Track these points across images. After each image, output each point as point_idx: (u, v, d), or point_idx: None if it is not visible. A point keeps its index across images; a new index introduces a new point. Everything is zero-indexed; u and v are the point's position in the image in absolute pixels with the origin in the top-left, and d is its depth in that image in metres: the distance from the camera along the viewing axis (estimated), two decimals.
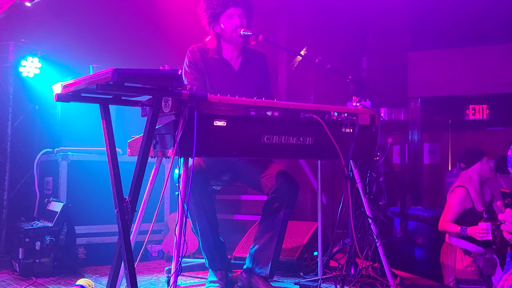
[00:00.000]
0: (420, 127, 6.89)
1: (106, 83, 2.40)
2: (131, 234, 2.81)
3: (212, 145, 2.84)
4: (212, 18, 3.61)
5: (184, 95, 2.63)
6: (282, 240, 3.55)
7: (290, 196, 3.48)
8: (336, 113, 3.23)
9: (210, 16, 3.60)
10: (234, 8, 3.56)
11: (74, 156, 4.63)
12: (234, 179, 3.78)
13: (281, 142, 3.05)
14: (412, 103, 6.91)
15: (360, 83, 3.60)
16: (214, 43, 3.66)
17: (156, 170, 3.09)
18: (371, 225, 3.48)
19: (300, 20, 6.81)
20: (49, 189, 4.68)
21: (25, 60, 4.87)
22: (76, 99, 2.79)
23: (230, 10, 3.56)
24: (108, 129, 2.80)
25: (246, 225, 5.99)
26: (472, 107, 7.04)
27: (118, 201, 2.63)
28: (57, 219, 4.22)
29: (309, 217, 6.29)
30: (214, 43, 3.66)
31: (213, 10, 3.58)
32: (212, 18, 3.60)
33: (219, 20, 3.60)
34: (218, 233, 3.64)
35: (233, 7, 3.56)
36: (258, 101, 2.97)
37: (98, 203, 4.57)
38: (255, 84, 3.76)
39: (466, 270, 4.66)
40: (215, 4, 3.57)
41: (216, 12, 3.58)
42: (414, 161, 7.00)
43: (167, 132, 2.80)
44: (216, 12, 3.57)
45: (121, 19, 5.72)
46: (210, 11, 3.59)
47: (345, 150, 3.23)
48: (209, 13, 3.60)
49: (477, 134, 8.78)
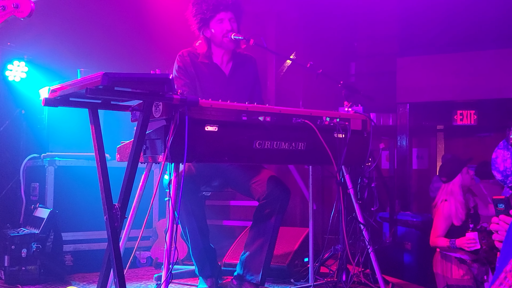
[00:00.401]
0: (408, 133, 6.90)
1: (96, 87, 2.36)
2: (120, 241, 2.76)
3: (204, 151, 2.81)
4: (202, 23, 3.57)
5: (175, 100, 2.59)
6: (274, 247, 3.52)
7: (281, 202, 3.45)
8: (328, 118, 3.21)
9: (200, 21, 3.56)
10: (224, 12, 3.53)
11: (61, 162, 4.56)
12: (224, 185, 3.74)
13: (273, 147, 3.02)
14: (401, 109, 6.91)
15: (351, 88, 3.59)
16: (205, 48, 3.62)
17: (146, 176, 3.04)
18: (363, 231, 3.46)
19: (289, 25, 6.80)
20: (36, 195, 4.61)
21: (11, 64, 4.81)
22: (64, 104, 2.73)
23: (220, 14, 3.53)
24: (97, 135, 2.75)
25: (235, 231, 5.94)
26: (460, 113, 7.06)
27: (107, 208, 2.58)
28: (44, 225, 4.15)
29: (298, 223, 6.26)
30: (204, 48, 3.62)
31: (203, 15, 3.54)
32: (202, 23, 3.57)
33: (209, 24, 3.56)
34: (209, 240, 3.60)
35: (223, 12, 3.53)
36: (250, 106, 2.94)
37: (85, 209, 4.50)
38: (246, 88, 3.73)
39: (463, 279, 4.63)
40: (205, 9, 3.53)
41: (206, 17, 3.54)
42: (402, 166, 7.01)
43: (158, 137, 2.76)
44: (206, 17, 3.54)
45: (109, 22, 5.66)
46: (200, 16, 3.55)
47: (337, 156, 3.21)
48: (199, 18, 3.56)
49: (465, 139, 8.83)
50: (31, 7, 2.70)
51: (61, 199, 4.51)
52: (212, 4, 3.52)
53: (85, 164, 4.64)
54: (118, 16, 5.78)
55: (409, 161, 7.18)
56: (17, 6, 2.74)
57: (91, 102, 2.76)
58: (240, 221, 6.04)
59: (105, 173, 2.66)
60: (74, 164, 4.62)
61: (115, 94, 2.46)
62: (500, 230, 1.98)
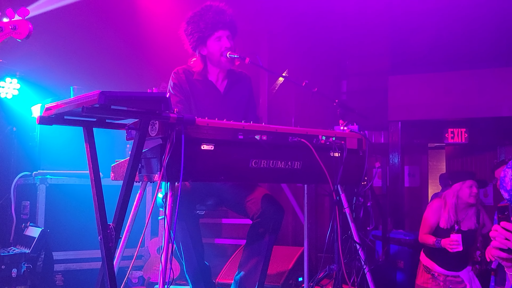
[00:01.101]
0: (400, 150, 6.91)
1: (92, 106, 2.33)
2: (114, 260, 2.71)
3: (200, 170, 2.78)
4: (199, 41, 3.55)
5: (172, 118, 2.57)
6: (267, 266, 3.48)
7: (275, 221, 3.42)
8: (324, 137, 3.20)
9: (198, 39, 3.54)
10: (222, 30, 3.53)
11: (53, 180, 4.51)
12: (218, 204, 3.71)
13: (269, 166, 3.00)
14: (393, 127, 6.94)
15: (346, 106, 3.59)
16: (200, 66, 3.61)
17: (141, 195, 3.01)
18: (359, 251, 3.43)
19: (281, 43, 6.83)
20: (27, 214, 4.55)
21: (3, 81, 4.78)
22: (59, 122, 2.70)
23: (219, 32, 3.53)
24: (91, 153, 2.72)
25: (227, 249, 5.90)
26: (451, 131, 7.10)
27: (102, 228, 2.54)
28: (35, 245, 4.09)
29: (290, 241, 6.22)
30: (200, 66, 3.61)
31: (201, 33, 3.53)
32: (199, 41, 3.55)
33: (206, 43, 3.55)
34: (203, 258, 3.56)
35: (221, 30, 3.53)
36: (246, 125, 2.92)
37: (77, 228, 4.46)
38: (241, 106, 3.71)
39: (423, 286, 4.70)
40: (202, 27, 3.52)
41: (204, 35, 3.53)
42: (395, 184, 7.02)
43: (154, 156, 2.73)
44: (205, 35, 3.53)
45: (102, 40, 5.66)
46: (197, 34, 3.53)
47: (333, 175, 3.19)
48: (197, 36, 3.54)
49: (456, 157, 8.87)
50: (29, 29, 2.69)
51: (52, 217, 4.46)
52: (210, 21, 3.51)
53: (77, 182, 4.59)
54: (111, 34, 5.78)
55: (401, 179, 7.19)
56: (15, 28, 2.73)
57: (86, 121, 2.73)
58: (232, 239, 6.00)
59: (99, 193, 2.63)
60: (66, 182, 4.58)
61: (111, 112, 2.44)
62: (498, 237, 1.96)
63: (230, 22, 3.57)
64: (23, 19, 2.88)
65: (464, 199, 4.60)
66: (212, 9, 3.57)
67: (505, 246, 1.93)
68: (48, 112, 2.67)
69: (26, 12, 2.91)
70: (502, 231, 1.95)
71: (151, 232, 4.95)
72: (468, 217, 4.66)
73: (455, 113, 6.70)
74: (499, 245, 1.97)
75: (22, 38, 2.76)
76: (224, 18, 3.54)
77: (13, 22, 2.88)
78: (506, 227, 1.95)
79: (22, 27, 2.82)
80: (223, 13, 3.58)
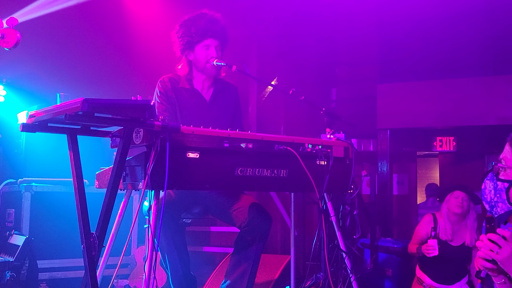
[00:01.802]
0: (389, 158, 6.92)
1: (76, 113, 2.32)
2: (98, 269, 2.69)
3: (185, 178, 2.76)
4: (187, 46, 3.55)
5: (156, 126, 2.55)
6: (255, 275, 3.46)
7: (262, 229, 3.40)
8: (311, 145, 3.20)
9: (186, 43, 3.55)
10: (212, 39, 3.53)
11: (38, 187, 4.47)
12: (205, 212, 3.69)
13: (255, 174, 2.99)
14: (381, 135, 6.95)
15: (333, 115, 3.59)
16: (186, 70, 3.61)
17: (125, 203, 2.99)
18: (345, 259, 3.42)
19: (270, 51, 6.83)
20: (11, 222, 4.51)
21: None
22: (42, 130, 2.68)
23: (208, 40, 3.53)
24: (75, 161, 2.70)
25: (215, 257, 5.87)
26: (439, 139, 7.13)
27: (84, 237, 2.52)
28: (19, 253, 4.05)
29: (279, 250, 6.21)
30: (186, 70, 3.61)
31: (190, 38, 3.53)
32: (187, 45, 3.55)
33: (194, 48, 3.55)
34: (189, 268, 3.53)
35: (211, 38, 3.53)
36: (232, 133, 2.91)
37: (62, 236, 4.42)
38: (227, 115, 3.70)
39: None
40: (193, 32, 3.52)
41: (193, 41, 3.53)
42: (383, 192, 7.01)
43: (138, 164, 2.71)
44: (194, 41, 3.53)
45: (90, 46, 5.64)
46: (187, 38, 3.54)
47: (319, 183, 3.18)
48: (186, 40, 3.54)
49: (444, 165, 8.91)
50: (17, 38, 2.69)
51: (37, 225, 4.42)
52: (201, 28, 3.51)
53: (62, 190, 4.56)
54: (99, 41, 5.76)
55: (389, 187, 7.20)
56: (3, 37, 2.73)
57: (70, 128, 2.71)
58: (221, 247, 5.97)
59: (83, 201, 2.60)
60: (51, 190, 4.54)
61: (95, 120, 2.42)
62: (483, 248, 1.98)
63: (222, 32, 3.58)
64: (11, 28, 2.88)
65: (452, 209, 4.61)
66: (206, 17, 3.57)
67: (490, 257, 1.94)
68: (31, 119, 2.65)
69: (15, 22, 2.91)
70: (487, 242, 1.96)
71: (138, 240, 4.92)
72: (462, 230, 4.65)
73: (443, 122, 6.73)
74: (484, 256, 1.98)
75: (10, 47, 2.76)
76: (216, 27, 3.55)
77: (1, 31, 2.87)
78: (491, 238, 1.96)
79: (10, 36, 2.82)
80: (216, 22, 3.58)
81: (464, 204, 4.59)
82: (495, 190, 1.85)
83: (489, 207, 1.87)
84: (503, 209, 1.83)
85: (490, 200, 1.86)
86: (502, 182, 1.84)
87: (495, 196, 1.84)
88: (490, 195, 1.87)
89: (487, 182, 1.90)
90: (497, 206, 1.85)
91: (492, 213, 1.86)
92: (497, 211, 1.85)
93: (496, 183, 1.85)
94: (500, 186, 1.84)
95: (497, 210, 1.85)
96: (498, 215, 1.86)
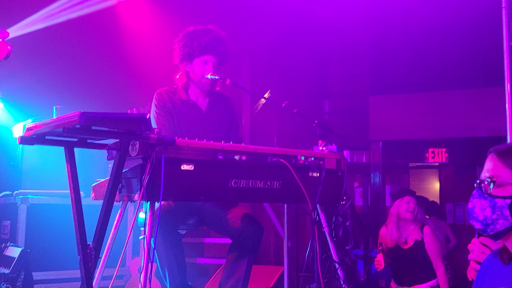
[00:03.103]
0: (381, 170, 6.97)
1: (73, 126, 2.37)
2: (93, 280, 2.72)
3: (180, 189, 2.81)
4: (187, 57, 3.63)
5: (152, 139, 2.61)
6: (247, 285, 3.49)
7: (254, 240, 3.44)
8: (303, 157, 3.25)
9: (186, 54, 3.62)
10: (211, 56, 3.61)
11: (34, 199, 4.50)
12: (199, 223, 3.73)
13: (249, 186, 3.04)
14: (374, 146, 7.00)
15: (326, 127, 3.65)
16: (184, 80, 3.68)
17: (121, 214, 3.03)
18: (338, 270, 3.47)
19: (262, 63, 6.90)
20: (7, 234, 4.53)
21: None
22: (40, 142, 2.73)
23: (207, 56, 3.60)
24: (72, 173, 2.74)
25: (209, 269, 5.89)
26: (431, 151, 7.19)
27: (81, 248, 2.56)
28: (14, 265, 4.07)
29: (272, 260, 6.23)
30: (184, 80, 3.68)
31: (191, 51, 3.60)
32: (187, 56, 3.62)
33: (192, 61, 3.62)
34: (186, 277, 3.57)
35: (211, 55, 3.60)
36: (226, 145, 2.97)
37: (57, 248, 4.44)
38: (223, 126, 3.76)
39: None
40: (195, 46, 3.59)
41: (193, 54, 3.60)
42: (376, 203, 7.06)
43: (134, 176, 2.76)
44: (194, 54, 3.60)
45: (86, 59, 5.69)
46: (187, 49, 3.61)
47: (312, 194, 3.24)
48: (186, 51, 3.62)
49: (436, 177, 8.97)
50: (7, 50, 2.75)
51: (33, 237, 4.44)
52: (203, 44, 3.59)
53: (58, 202, 4.59)
54: (94, 54, 5.81)
55: (382, 198, 7.24)
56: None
57: (67, 141, 2.76)
58: (215, 258, 5.99)
59: (80, 213, 2.65)
60: (47, 202, 4.57)
61: (92, 133, 2.48)
62: (475, 250, 2.03)
63: (223, 52, 3.67)
64: (3, 41, 2.95)
65: (402, 214, 4.70)
66: (212, 34, 3.65)
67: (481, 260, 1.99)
68: (29, 132, 2.70)
69: (6, 34, 2.98)
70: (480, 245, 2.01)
71: (133, 252, 4.94)
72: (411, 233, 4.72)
73: (435, 133, 6.80)
74: (476, 258, 2.04)
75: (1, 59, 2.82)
76: (218, 46, 3.63)
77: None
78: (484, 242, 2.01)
79: (1, 48, 2.88)
80: (219, 41, 3.66)
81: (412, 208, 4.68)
82: (492, 208, 1.85)
83: (481, 225, 1.89)
84: (504, 225, 1.85)
85: (484, 218, 1.87)
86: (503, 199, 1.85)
87: (493, 214, 1.85)
88: (483, 213, 1.88)
89: (475, 201, 1.92)
90: (495, 224, 1.85)
91: (487, 231, 1.88)
92: (495, 228, 1.86)
93: (494, 201, 1.85)
94: (501, 203, 1.85)
95: (496, 227, 1.86)
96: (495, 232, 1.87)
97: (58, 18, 5.16)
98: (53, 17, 5.20)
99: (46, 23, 5.07)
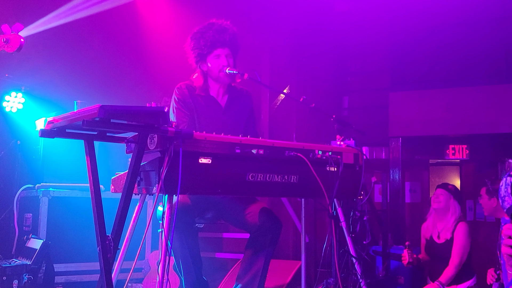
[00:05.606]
0: (401, 166, 6.93)
1: (92, 119, 2.40)
2: (112, 272, 2.76)
3: (197, 183, 2.83)
4: (199, 58, 3.64)
5: (170, 132, 2.63)
6: (265, 279, 3.51)
7: (272, 234, 3.46)
8: (321, 152, 3.25)
9: (198, 55, 3.64)
10: (221, 49, 3.61)
11: (55, 192, 4.57)
12: (217, 217, 3.75)
13: (266, 180, 3.05)
14: (393, 142, 6.96)
15: (343, 122, 3.64)
16: (201, 81, 3.68)
17: (140, 207, 3.05)
18: (355, 265, 3.47)
19: (282, 59, 6.90)
20: (29, 226, 4.60)
21: (8, 95, 4.86)
22: (60, 135, 2.77)
23: (217, 50, 3.61)
24: (92, 166, 2.78)
25: (227, 263, 5.92)
26: (452, 147, 7.12)
27: (100, 239, 2.59)
28: (36, 256, 4.14)
29: (291, 256, 6.23)
30: (200, 81, 3.69)
31: (201, 51, 3.62)
32: (199, 57, 3.64)
33: (206, 59, 3.63)
34: (202, 272, 3.59)
35: (220, 48, 3.61)
36: (244, 139, 2.98)
37: (78, 241, 4.50)
38: (241, 121, 3.78)
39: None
40: (202, 45, 3.60)
41: (203, 53, 3.61)
42: (395, 199, 7.02)
43: (152, 169, 2.78)
44: (204, 53, 3.61)
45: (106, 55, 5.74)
46: (197, 51, 3.63)
47: (329, 189, 3.23)
48: (197, 53, 3.64)
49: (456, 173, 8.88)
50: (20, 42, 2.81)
51: (54, 230, 4.51)
52: (209, 40, 3.59)
53: (79, 195, 4.65)
54: (114, 49, 5.87)
55: (402, 195, 7.20)
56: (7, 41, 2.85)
57: (87, 134, 2.79)
58: (233, 253, 6.02)
59: (99, 205, 2.68)
60: (68, 195, 4.63)
61: (111, 126, 2.50)
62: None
63: (231, 40, 3.65)
64: (16, 34, 3.02)
65: (432, 206, 4.80)
66: (214, 28, 3.65)
67: None
68: (50, 126, 2.73)
69: (20, 27, 3.05)
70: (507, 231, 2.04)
71: (152, 245, 4.99)
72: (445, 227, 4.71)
73: (455, 130, 6.73)
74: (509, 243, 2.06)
75: (13, 51, 2.88)
76: (224, 37, 3.62)
77: (6, 36, 3.01)
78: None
79: (14, 40, 2.95)
80: (224, 32, 3.65)
81: (440, 198, 4.68)
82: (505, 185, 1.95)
83: (501, 201, 1.98)
84: (509, 203, 1.92)
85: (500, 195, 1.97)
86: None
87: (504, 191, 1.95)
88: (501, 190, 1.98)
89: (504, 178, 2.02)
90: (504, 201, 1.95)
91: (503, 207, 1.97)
92: (504, 206, 1.94)
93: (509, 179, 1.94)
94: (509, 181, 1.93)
95: (504, 204, 1.94)
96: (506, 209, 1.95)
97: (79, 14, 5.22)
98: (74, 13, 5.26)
99: (67, 19, 5.13)
